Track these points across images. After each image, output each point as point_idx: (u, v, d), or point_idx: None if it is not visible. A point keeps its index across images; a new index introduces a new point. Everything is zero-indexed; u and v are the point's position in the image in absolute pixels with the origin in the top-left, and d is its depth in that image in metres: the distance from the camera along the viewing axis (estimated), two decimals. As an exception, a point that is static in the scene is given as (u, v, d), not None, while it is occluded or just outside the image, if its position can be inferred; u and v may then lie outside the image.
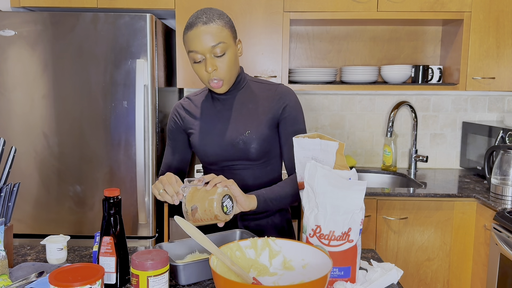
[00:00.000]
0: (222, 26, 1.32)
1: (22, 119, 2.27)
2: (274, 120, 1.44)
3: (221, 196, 1.19)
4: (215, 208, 1.17)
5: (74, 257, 1.38)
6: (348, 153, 2.98)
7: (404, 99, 2.93)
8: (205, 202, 1.19)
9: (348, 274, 1.10)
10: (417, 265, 2.38)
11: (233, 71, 1.38)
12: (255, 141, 1.41)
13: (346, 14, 2.50)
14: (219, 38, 1.31)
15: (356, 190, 1.07)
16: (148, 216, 2.30)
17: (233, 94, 1.47)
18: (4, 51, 2.23)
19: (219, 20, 1.32)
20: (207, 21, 1.30)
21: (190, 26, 1.32)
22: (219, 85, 1.36)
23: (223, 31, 1.32)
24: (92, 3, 2.47)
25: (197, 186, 1.23)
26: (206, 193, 1.20)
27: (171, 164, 1.55)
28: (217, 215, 1.18)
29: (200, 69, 1.35)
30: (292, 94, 1.46)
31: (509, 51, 2.52)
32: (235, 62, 1.37)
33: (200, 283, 1.18)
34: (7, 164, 1.29)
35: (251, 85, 1.49)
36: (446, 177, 2.69)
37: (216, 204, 1.17)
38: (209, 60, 1.32)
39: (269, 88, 1.47)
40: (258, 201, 1.32)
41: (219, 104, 1.48)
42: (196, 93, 1.55)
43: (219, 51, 1.32)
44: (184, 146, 1.54)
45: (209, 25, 1.30)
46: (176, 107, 1.54)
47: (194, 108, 1.51)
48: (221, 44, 1.31)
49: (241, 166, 1.46)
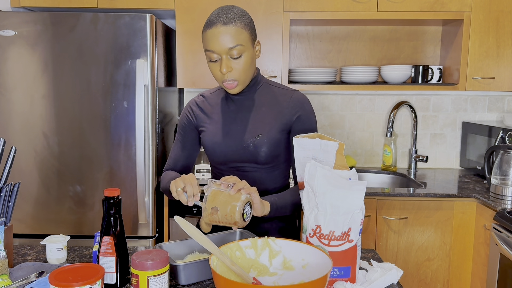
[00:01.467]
0: (242, 28, 1.31)
1: (22, 119, 2.27)
2: (287, 126, 1.43)
3: (244, 204, 1.19)
4: (237, 215, 1.18)
5: (74, 257, 1.38)
6: (348, 153, 2.98)
7: (404, 99, 2.93)
8: (227, 207, 1.19)
9: (348, 274, 1.11)
10: (417, 265, 2.38)
11: (248, 73, 1.37)
12: (266, 145, 1.41)
13: (346, 14, 2.50)
14: (237, 40, 1.30)
15: (356, 190, 1.07)
16: (148, 216, 2.30)
17: (247, 96, 1.46)
18: (4, 51, 2.23)
19: (239, 21, 1.30)
20: (227, 21, 1.29)
21: (210, 24, 1.30)
22: (233, 85, 1.36)
23: (242, 34, 1.31)
24: (92, 3, 2.47)
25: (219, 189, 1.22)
26: (230, 198, 1.20)
27: (179, 160, 1.54)
28: (237, 222, 1.19)
29: (215, 69, 1.35)
30: (307, 103, 1.45)
31: (509, 51, 2.52)
32: (251, 64, 1.36)
33: (200, 283, 1.18)
34: (7, 164, 1.29)
35: (266, 88, 1.48)
36: (446, 177, 2.69)
37: (238, 211, 1.18)
38: (224, 61, 1.31)
39: (285, 93, 1.46)
40: (271, 208, 1.32)
41: (232, 104, 1.47)
42: (211, 91, 1.55)
43: (236, 53, 1.30)
44: (194, 143, 1.54)
45: (228, 26, 1.29)
46: (190, 103, 1.53)
47: (208, 106, 1.51)
48: (239, 47, 1.30)
49: (249, 168, 1.46)
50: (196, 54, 2.53)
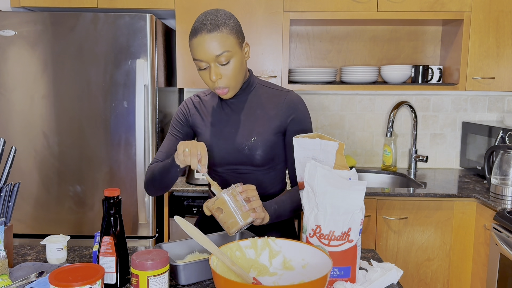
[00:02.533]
0: (227, 33, 1.28)
1: (22, 119, 2.27)
2: (281, 128, 1.43)
3: (246, 225, 1.21)
4: (233, 230, 1.20)
5: (74, 257, 1.38)
6: (348, 153, 2.98)
7: (404, 99, 2.93)
8: (230, 219, 1.20)
9: (348, 274, 1.11)
10: (417, 265, 2.38)
11: (238, 78, 1.35)
12: (261, 147, 1.41)
13: (346, 14, 2.50)
14: (224, 47, 1.27)
15: (356, 190, 1.07)
16: (148, 216, 2.30)
17: (241, 98, 1.45)
18: (4, 51, 2.23)
19: (224, 27, 1.27)
20: (211, 28, 1.26)
21: (195, 32, 1.28)
22: (224, 92, 1.35)
23: (228, 39, 1.28)
24: (92, 3, 2.47)
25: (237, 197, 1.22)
26: (239, 211, 1.20)
27: (170, 153, 1.50)
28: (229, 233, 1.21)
29: (205, 76, 1.33)
30: (301, 104, 1.44)
31: (509, 51, 2.52)
32: (240, 68, 1.34)
33: (200, 283, 1.18)
34: (7, 164, 1.29)
35: (260, 90, 1.46)
36: (446, 177, 2.69)
37: (237, 228, 1.20)
38: (213, 69, 1.29)
39: (279, 94, 1.45)
40: (270, 218, 1.32)
41: (227, 107, 1.46)
42: (206, 93, 1.53)
43: (223, 60, 1.28)
44: (188, 138, 1.52)
45: (213, 33, 1.26)
46: (187, 101, 1.52)
47: (204, 108, 1.50)
48: (226, 53, 1.28)
49: (245, 171, 1.45)
50: (196, 54, 2.53)
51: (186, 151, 1.23)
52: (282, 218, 1.37)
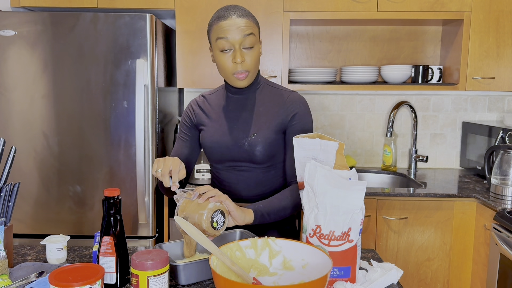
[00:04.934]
0: (254, 23, 1.39)
1: (22, 119, 2.27)
2: (282, 126, 1.45)
3: (211, 212, 1.18)
4: (204, 223, 1.17)
5: (74, 257, 1.38)
6: (348, 153, 2.98)
7: (404, 99, 2.93)
8: (195, 216, 1.18)
9: (348, 274, 1.10)
10: (417, 265, 2.38)
11: (257, 66, 1.42)
12: (260, 144, 1.42)
13: (346, 14, 2.50)
14: (251, 30, 1.36)
15: (356, 190, 1.07)
16: (148, 216, 2.30)
17: (246, 95, 1.48)
18: (4, 51, 2.23)
19: (251, 17, 1.39)
20: (241, 15, 1.36)
21: (223, 16, 1.35)
22: (243, 76, 1.39)
23: (254, 28, 1.38)
24: (92, 3, 2.47)
25: (190, 198, 1.21)
26: (198, 207, 1.19)
27: (180, 156, 1.55)
28: (206, 230, 1.18)
29: (226, 60, 1.37)
30: (303, 103, 1.47)
31: (509, 51, 2.52)
32: (258, 58, 1.42)
33: (200, 283, 1.18)
34: (7, 164, 1.29)
35: (265, 89, 1.50)
36: (446, 177, 2.69)
37: (205, 219, 1.17)
38: (238, 51, 1.35)
39: (282, 94, 1.48)
40: (255, 215, 1.31)
41: (231, 103, 1.49)
42: (211, 92, 1.57)
43: (248, 43, 1.36)
44: (194, 141, 1.55)
45: (243, 18, 1.35)
46: (191, 103, 1.56)
47: (208, 106, 1.53)
48: (252, 36, 1.36)
49: (246, 168, 1.46)
50: (196, 54, 2.53)
51: (159, 171, 1.24)
52: (273, 217, 1.36)
